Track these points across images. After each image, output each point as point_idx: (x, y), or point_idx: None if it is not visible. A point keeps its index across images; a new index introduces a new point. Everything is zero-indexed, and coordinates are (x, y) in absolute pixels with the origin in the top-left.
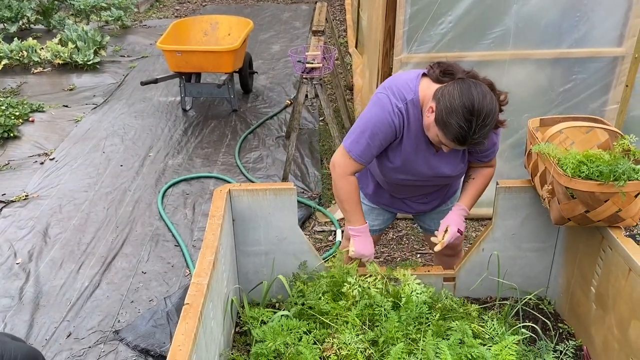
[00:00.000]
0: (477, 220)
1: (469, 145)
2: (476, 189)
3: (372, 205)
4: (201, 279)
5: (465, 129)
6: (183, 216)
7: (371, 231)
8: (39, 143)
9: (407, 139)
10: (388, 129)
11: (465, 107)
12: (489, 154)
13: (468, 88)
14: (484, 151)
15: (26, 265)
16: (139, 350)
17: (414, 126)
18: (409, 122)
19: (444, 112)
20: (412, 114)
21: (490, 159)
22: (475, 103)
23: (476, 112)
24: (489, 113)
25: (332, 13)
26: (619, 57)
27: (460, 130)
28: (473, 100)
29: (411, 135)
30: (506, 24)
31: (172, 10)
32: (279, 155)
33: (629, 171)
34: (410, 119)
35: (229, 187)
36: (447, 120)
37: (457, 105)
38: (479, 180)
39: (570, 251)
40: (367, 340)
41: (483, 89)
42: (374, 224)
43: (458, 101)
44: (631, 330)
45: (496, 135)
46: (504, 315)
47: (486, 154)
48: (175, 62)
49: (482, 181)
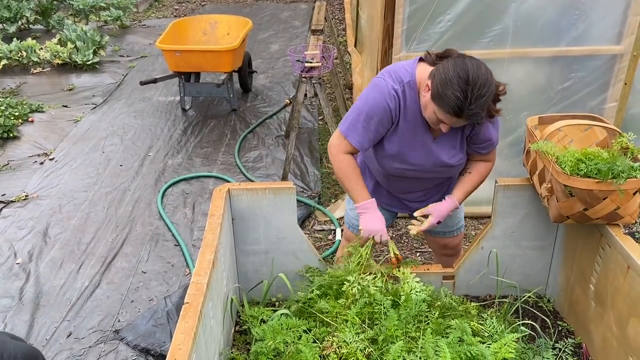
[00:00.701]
0: (476, 219)
1: (467, 117)
2: (471, 183)
3: None
4: (201, 278)
5: (461, 98)
6: (183, 216)
7: None
8: (39, 143)
9: (403, 122)
10: (383, 113)
11: (460, 77)
12: (487, 145)
13: (462, 61)
14: (482, 141)
15: (26, 266)
16: (139, 350)
17: (410, 108)
18: (405, 104)
19: (439, 85)
20: (409, 96)
21: (488, 151)
22: (470, 73)
23: (471, 82)
24: (485, 83)
25: (331, 12)
26: (617, 55)
27: (456, 101)
28: (467, 71)
29: (408, 118)
30: (505, 22)
31: (171, 9)
32: (279, 155)
33: (627, 169)
34: (407, 101)
35: (228, 186)
36: (442, 92)
37: (451, 76)
38: (475, 175)
39: (569, 249)
40: (367, 339)
41: (477, 62)
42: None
43: (452, 73)
44: (630, 327)
45: (494, 127)
46: (503, 313)
47: (484, 145)
48: (174, 61)
49: (478, 176)
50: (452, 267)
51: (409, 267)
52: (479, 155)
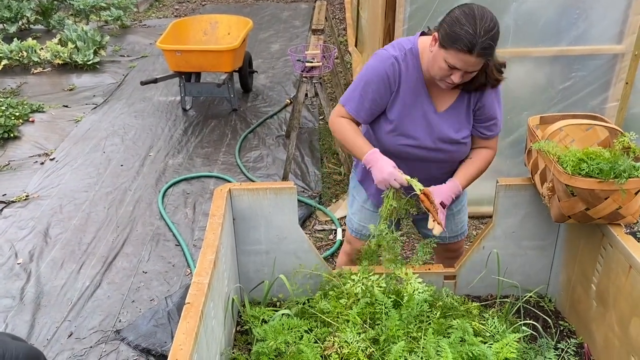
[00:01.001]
0: (477, 219)
1: (478, 53)
2: (473, 167)
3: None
4: (202, 278)
5: (471, 32)
6: (184, 216)
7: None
8: (39, 143)
9: (404, 90)
10: (381, 81)
11: (467, 14)
12: (491, 125)
13: (465, 4)
14: (487, 118)
15: (27, 266)
16: (140, 350)
17: (412, 76)
18: (407, 71)
19: (447, 27)
20: (411, 63)
21: (492, 134)
22: (476, 11)
23: (478, 17)
24: (492, 18)
25: (332, 12)
26: (618, 54)
27: (467, 35)
28: (473, 9)
29: (409, 85)
30: (505, 21)
31: (171, 9)
32: (279, 155)
33: (629, 168)
34: (409, 68)
35: (229, 186)
36: (451, 31)
37: (458, 15)
38: (477, 162)
39: (571, 249)
40: (368, 339)
41: (480, 5)
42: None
43: (458, 13)
44: (632, 327)
45: (499, 106)
46: (505, 313)
47: (489, 124)
48: (175, 61)
49: (480, 163)
50: (453, 267)
51: (411, 266)
52: (482, 138)
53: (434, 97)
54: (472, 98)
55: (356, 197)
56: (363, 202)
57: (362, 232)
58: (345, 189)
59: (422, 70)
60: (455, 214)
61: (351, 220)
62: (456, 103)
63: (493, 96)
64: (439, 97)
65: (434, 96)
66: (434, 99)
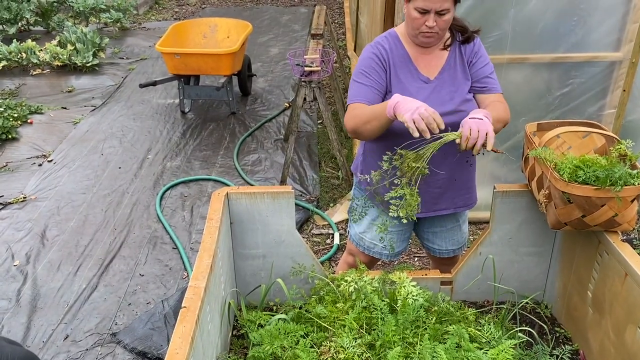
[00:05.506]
0: (474, 224)
1: None
2: (494, 110)
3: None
4: (199, 282)
5: None
6: (181, 219)
7: (395, 254)
8: (37, 145)
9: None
10: (373, 63)
11: None
12: (488, 80)
13: None
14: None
15: (24, 268)
16: (136, 353)
17: (397, 53)
18: (391, 49)
19: None
20: (393, 43)
21: (495, 89)
22: None
23: None
24: None
25: (331, 16)
26: (616, 61)
27: None
28: None
29: (397, 61)
30: (504, 27)
31: (171, 12)
32: (277, 158)
33: (625, 176)
34: (392, 48)
35: (227, 190)
36: None
37: None
38: (496, 108)
39: (567, 255)
40: (364, 344)
41: None
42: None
43: None
44: (627, 334)
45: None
46: (501, 319)
47: (485, 79)
48: (174, 64)
49: (498, 111)
50: (450, 272)
51: (406, 271)
52: (488, 92)
53: (422, 68)
54: (464, 52)
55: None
56: (373, 220)
57: (373, 249)
58: (343, 193)
59: (405, 47)
60: (461, 224)
61: (361, 239)
62: (446, 65)
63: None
64: (427, 66)
65: (422, 67)
66: (422, 70)
